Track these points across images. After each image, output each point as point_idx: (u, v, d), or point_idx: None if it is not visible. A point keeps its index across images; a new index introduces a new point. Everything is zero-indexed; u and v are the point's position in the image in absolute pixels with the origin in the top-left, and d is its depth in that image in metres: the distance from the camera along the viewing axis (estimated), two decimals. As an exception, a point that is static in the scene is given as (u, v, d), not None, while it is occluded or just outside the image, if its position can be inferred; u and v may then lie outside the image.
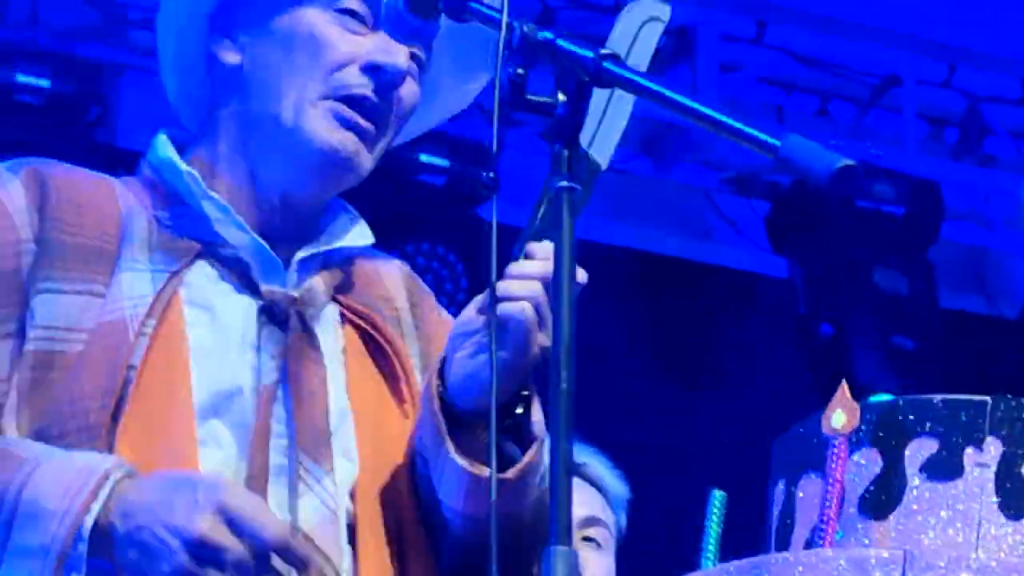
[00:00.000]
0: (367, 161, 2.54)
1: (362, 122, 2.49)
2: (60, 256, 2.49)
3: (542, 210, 2.47)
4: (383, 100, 2.50)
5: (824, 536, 2.52)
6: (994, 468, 2.50)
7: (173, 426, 2.42)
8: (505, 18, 2.19)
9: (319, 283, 2.56)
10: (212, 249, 2.50)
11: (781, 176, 5.76)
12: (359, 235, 2.63)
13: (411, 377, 2.53)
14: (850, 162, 1.99)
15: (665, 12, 2.65)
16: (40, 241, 2.48)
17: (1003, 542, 2.49)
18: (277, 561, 2.29)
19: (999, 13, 6.31)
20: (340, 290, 2.58)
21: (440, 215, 6.39)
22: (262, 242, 2.51)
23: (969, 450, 2.50)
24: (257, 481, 2.42)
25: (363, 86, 2.49)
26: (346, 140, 2.49)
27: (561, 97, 2.13)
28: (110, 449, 2.37)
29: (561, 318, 2.10)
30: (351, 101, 2.48)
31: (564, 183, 2.13)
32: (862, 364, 5.94)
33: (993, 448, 2.52)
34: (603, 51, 2.14)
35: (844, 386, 2.56)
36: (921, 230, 6.32)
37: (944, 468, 2.50)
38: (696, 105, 2.12)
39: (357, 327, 2.55)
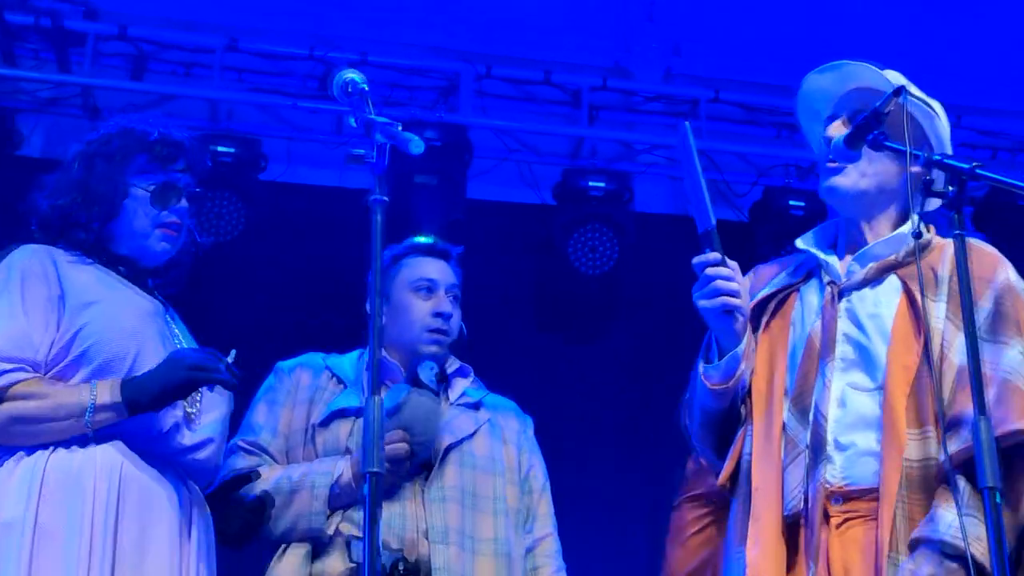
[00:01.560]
0: (847, 183, 2.42)
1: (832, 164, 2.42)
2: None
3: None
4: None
5: None
6: None
7: (780, 357, 2.42)
8: (909, 147, 2.25)
9: (859, 270, 2.41)
10: (815, 270, 2.49)
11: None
12: (894, 238, 2.41)
13: (924, 321, 2.26)
14: None
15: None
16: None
17: None
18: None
19: None
20: (900, 269, 2.38)
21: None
22: (828, 259, 2.46)
23: None
24: (811, 372, 2.36)
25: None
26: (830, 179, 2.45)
27: (950, 188, 2.15)
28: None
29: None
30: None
31: (959, 232, 2.12)
32: None
33: None
34: (975, 163, 2.15)
35: None
36: None
37: None
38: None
39: (907, 295, 2.34)
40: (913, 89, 2.48)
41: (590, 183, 5.23)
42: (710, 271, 2.34)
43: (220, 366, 2.37)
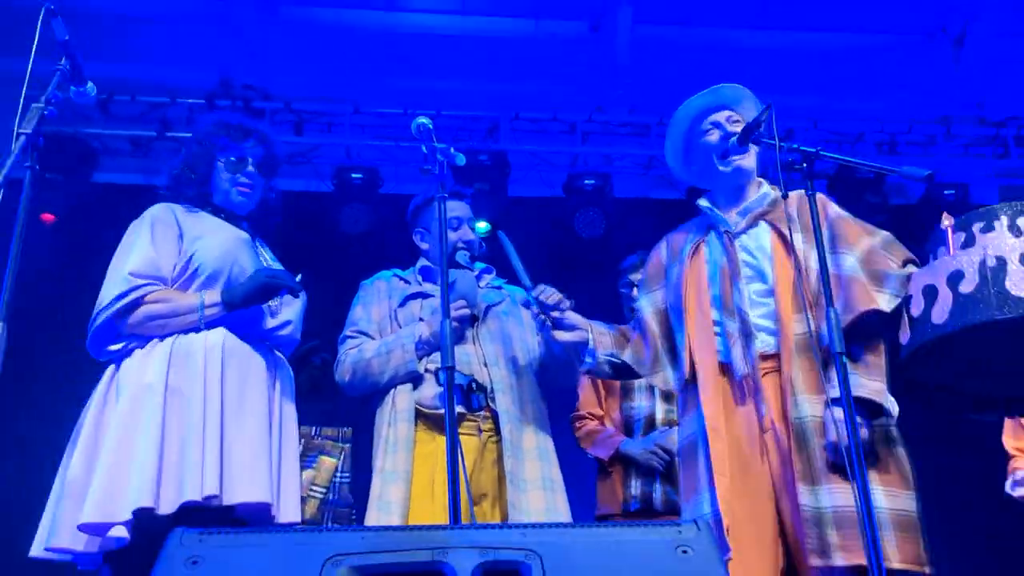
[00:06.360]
0: (748, 163, 2.32)
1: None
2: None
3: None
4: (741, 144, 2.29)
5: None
6: None
7: (703, 285, 2.30)
8: (777, 141, 2.09)
9: (742, 220, 2.32)
10: (712, 225, 2.39)
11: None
12: (761, 196, 2.32)
13: (796, 250, 2.17)
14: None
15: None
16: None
17: None
18: None
19: None
20: (766, 216, 2.31)
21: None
22: (721, 214, 2.36)
23: None
24: (729, 295, 2.26)
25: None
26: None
27: (804, 165, 2.08)
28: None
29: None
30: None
31: (811, 193, 2.05)
32: None
33: None
34: (818, 148, 2.09)
35: None
36: None
37: None
38: (856, 160, 2.17)
39: (775, 232, 2.25)
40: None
41: (585, 181, 5.15)
42: (542, 317, 2.39)
43: (290, 278, 2.28)
